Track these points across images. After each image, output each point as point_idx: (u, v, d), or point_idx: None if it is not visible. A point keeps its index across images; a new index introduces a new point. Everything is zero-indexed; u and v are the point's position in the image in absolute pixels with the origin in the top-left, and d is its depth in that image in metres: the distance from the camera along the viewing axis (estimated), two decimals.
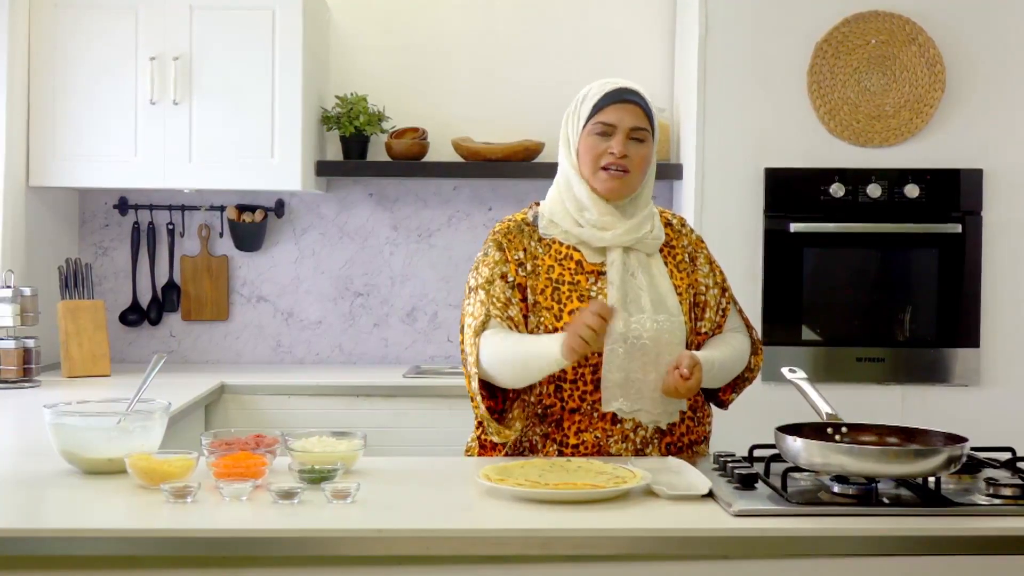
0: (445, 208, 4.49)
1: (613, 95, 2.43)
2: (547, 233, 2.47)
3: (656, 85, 4.40)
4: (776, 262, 3.90)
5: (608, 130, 2.41)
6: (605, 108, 2.42)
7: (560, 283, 2.41)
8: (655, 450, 2.40)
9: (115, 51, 4.01)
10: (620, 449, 2.38)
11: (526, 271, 2.43)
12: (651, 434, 2.40)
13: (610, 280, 2.40)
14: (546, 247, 2.45)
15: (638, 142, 2.42)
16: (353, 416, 3.78)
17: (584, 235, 2.43)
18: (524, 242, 2.46)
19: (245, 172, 4.05)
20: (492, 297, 2.39)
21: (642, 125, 2.42)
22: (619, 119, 2.41)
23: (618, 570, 1.85)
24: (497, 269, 2.42)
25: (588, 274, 2.42)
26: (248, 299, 4.48)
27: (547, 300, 2.40)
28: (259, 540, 1.82)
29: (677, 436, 2.43)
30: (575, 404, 2.38)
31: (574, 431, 2.38)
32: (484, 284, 2.42)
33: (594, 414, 2.38)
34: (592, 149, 2.42)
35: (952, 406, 3.86)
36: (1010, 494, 1.99)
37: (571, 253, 2.44)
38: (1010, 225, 3.91)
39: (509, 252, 2.44)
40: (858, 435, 2.18)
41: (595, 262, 2.43)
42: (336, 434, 2.28)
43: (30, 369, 3.69)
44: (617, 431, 2.38)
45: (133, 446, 2.15)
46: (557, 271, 2.42)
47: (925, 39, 3.89)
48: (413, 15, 4.47)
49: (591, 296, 2.39)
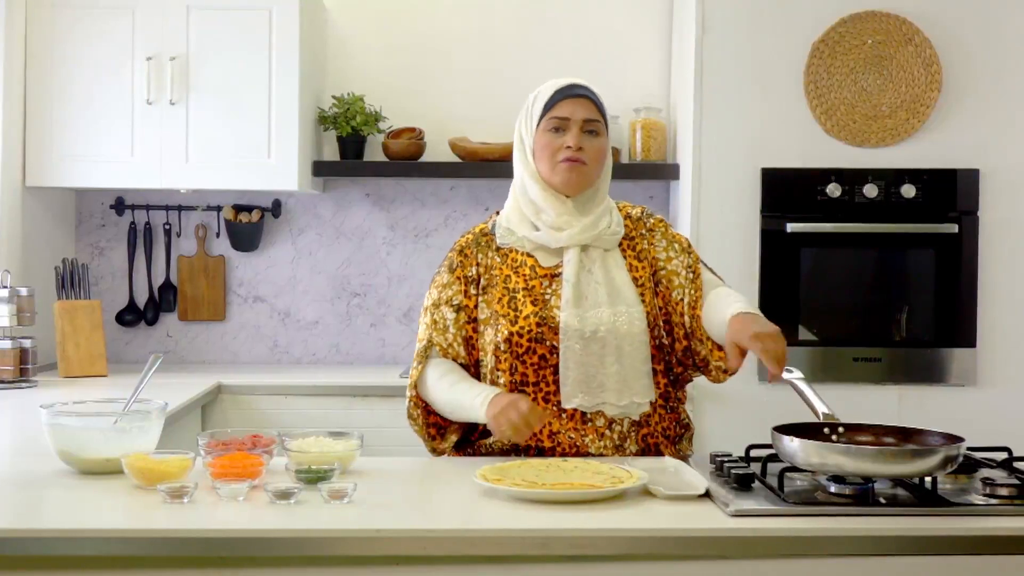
0: (442, 208, 4.49)
1: (564, 91, 2.47)
2: (504, 242, 2.51)
3: (653, 85, 4.41)
4: (773, 262, 3.90)
5: (562, 124, 2.45)
6: (557, 104, 2.46)
7: (515, 291, 2.45)
8: (633, 443, 2.41)
9: (112, 51, 4.01)
10: (599, 447, 2.39)
11: (478, 287, 2.49)
12: (627, 428, 2.41)
13: (565, 278, 2.43)
14: (503, 256, 2.50)
15: (592, 135, 2.46)
16: (350, 416, 3.78)
17: (540, 238, 2.47)
18: (479, 256, 2.51)
19: (242, 172, 4.05)
20: (435, 323, 2.48)
21: (595, 117, 2.46)
22: (572, 112, 2.44)
23: (615, 570, 1.85)
24: (444, 293, 2.49)
25: (542, 278, 2.46)
26: (245, 299, 4.48)
27: (504, 308, 2.44)
28: (256, 540, 1.82)
29: (653, 427, 2.44)
30: (541, 407, 2.39)
31: (546, 434, 2.39)
32: (431, 307, 2.51)
33: (562, 415, 2.39)
34: (548, 145, 2.45)
35: (949, 406, 3.87)
36: (1006, 494, 1.99)
37: (525, 260, 2.48)
38: (1006, 225, 3.91)
39: (463, 269, 2.50)
40: (855, 435, 2.18)
41: (549, 266, 2.47)
42: (333, 434, 2.29)
43: (27, 369, 3.69)
44: (590, 430, 2.39)
45: (130, 446, 2.14)
46: (513, 280, 2.46)
47: (922, 39, 3.89)
48: (410, 15, 4.47)
49: (545, 298, 2.42)
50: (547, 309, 2.41)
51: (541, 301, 2.42)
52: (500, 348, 2.41)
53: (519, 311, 2.42)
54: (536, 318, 2.40)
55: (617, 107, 4.31)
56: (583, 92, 2.47)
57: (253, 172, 4.05)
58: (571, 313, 2.39)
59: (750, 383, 3.85)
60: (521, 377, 2.40)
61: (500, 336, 2.41)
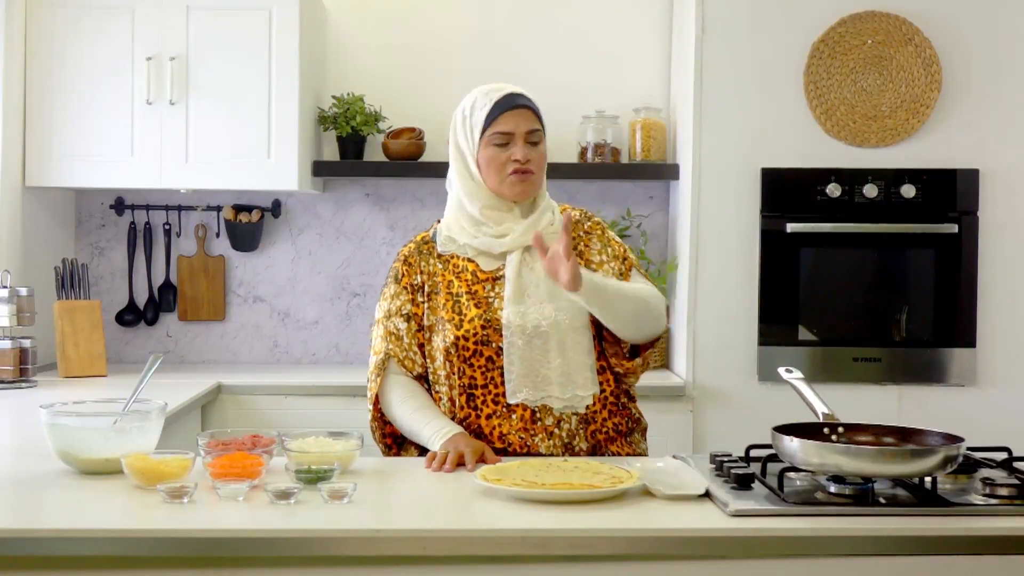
0: (442, 208, 4.45)
1: (503, 103, 2.48)
2: (445, 250, 2.55)
3: (653, 85, 4.41)
4: (772, 262, 3.90)
5: (506, 139, 2.47)
6: (498, 118, 2.47)
7: (459, 295, 2.48)
8: (582, 440, 2.44)
9: (112, 51, 4.00)
10: (548, 447, 2.42)
11: (424, 294, 2.52)
12: (575, 426, 2.44)
13: (507, 277, 2.46)
14: (445, 262, 2.54)
15: (534, 144, 2.50)
16: (350, 416, 3.77)
17: (483, 244, 2.51)
18: (422, 264, 2.54)
19: (242, 172, 4.05)
20: (390, 333, 2.52)
21: (536, 127, 2.51)
22: (515, 126, 2.47)
23: (615, 570, 1.85)
24: (394, 304, 2.53)
25: (484, 282, 2.50)
26: (245, 299, 4.48)
27: (448, 313, 2.47)
28: (256, 540, 1.82)
29: (600, 423, 2.47)
30: (490, 409, 2.43)
31: (497, 435, 2.42)
32: (383, 319, 2.54)
33: (511, 415, 2.42)
34: (494, 159, 2.48)
35: (948, 406, 3.87)
36: (1006, 494, 1.99)
37: (467, 265, 2.52)
38: (1006, 225, 3.91)
39: (409, 278, 2.53)
40: (854, 435, 2.18)
41: (489, 270, 2.51)
42: (333, 434, 2.29)
43: (26, 369, 3.68)
44: (539, 428, 2.42)
45: (130, 446, 2.15)
46: (456, 285, 2.50)
47: (921, 39, 3.89)
48: (410, 15, 4.47)
49: (488, 301, 2.46)
50: (491, 311, 2.46)
51: (484, 304, 2.47)
52: (449, 352, 2.45)
53: (463, 315, 2.46)
54: (480, 320, 2.44)
55: (617, 107, 4.32)
56: (522, 102, 2.49)
57: (253, 172, 4.05)
58: (513, 310, 2.43)
59: (750, 383, 3.85)
60: (469, 380, 2.45)
61: (447, 341, 2.45)
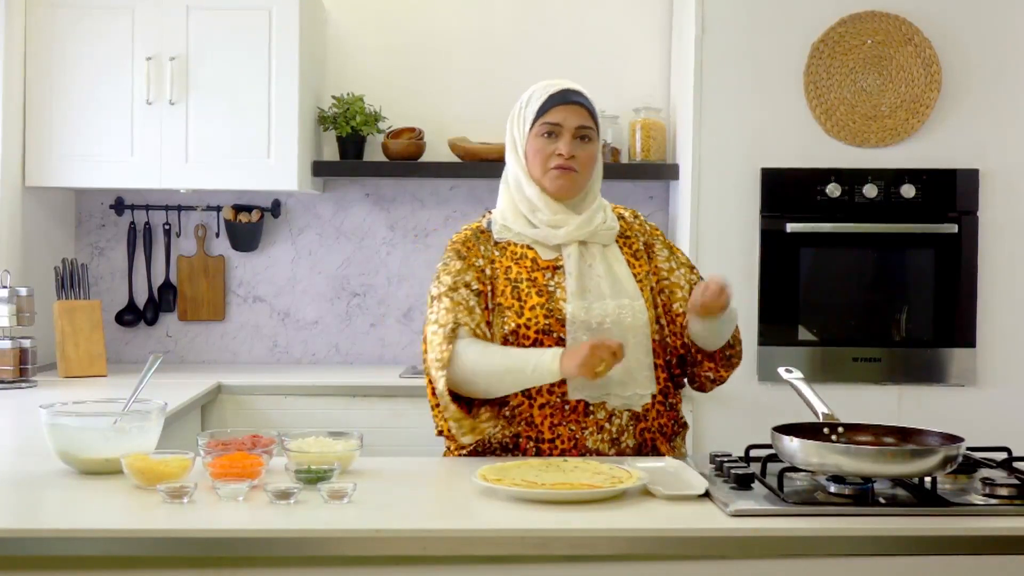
0: (442, 208, 4.49)
1: (558, 97, 2.47)
2: (501, 237, 2.51)
3: (653, 85, 4.41)
4: (772, 262, 3.90)
5: (554, 130, 2.46)
6: (551, 110, 2.46)
7: (519, 281, 2.45)
8: (630, 437, 2.41)
9: (111, 51, 4.00)
10: (596, 441, 2.39)
11: (487, 276, 2.47)
12: (625, 422, 2.41)
13: (568, 272, 2.44)
14: (502, 250, 2.50)
15: (584, 141, 2.47)
16: (350, 416, 3.78)
17: (538, 235, 2.48)
18: (481, 249, 2.50)
19: (241, 172, 4.05)
20: (458, 304, 2.42)
21: (587, 124, 2.48)
22: (564, 119, 2.46)
23: (615, 570, 1.85)
24: (460, 277, 2.46)
25: (544, 270, 2.46)
26: (244, 299, 4.48)
27: (508, 300, 2.43)
28: (256, 540, 1.82)
29: (650, 421, 2.44)
30: (544, 399, 2.39)
31: (548, 426, 2.39)
32: (448, 292, 2.44)
33: (565, 407, 2.39)
34: (540, 151, 2.46)
35: (948, 406, 3.87)
36: (1006, 494, 1.99)
37: (526, 252, 2.49)
38: (1006, 225, 3.91)
39: (470, 259, 2.48)
40: (854, 435, 2.18)
41: (549, 258, 2.48)
42: (333, 434, 2.29)
43: (26, 369, 3.68)
44: (591, 422, 2.39)
45: (129, 446, 2.14)
46: (515, 271, 2.47)
47: (921, 39, 3.89)
48: (410, 15, 4.47)
49: (549, 290, 2.43)
50: (553, 301, 2.42)
51: (546, 292, 2.43)
52: (507, 340, 2.41)
53: (524, 302, 2.42)
54: (543, 310, 2.41)
55: (617, 107, 4.31)
56: (576, 99, 2.48)
57: (253, 172, 4.05)
58: (577, 305, 2.40)
59: (750, 383, 3.85)
60: None
61: (507, 328, 2.41)
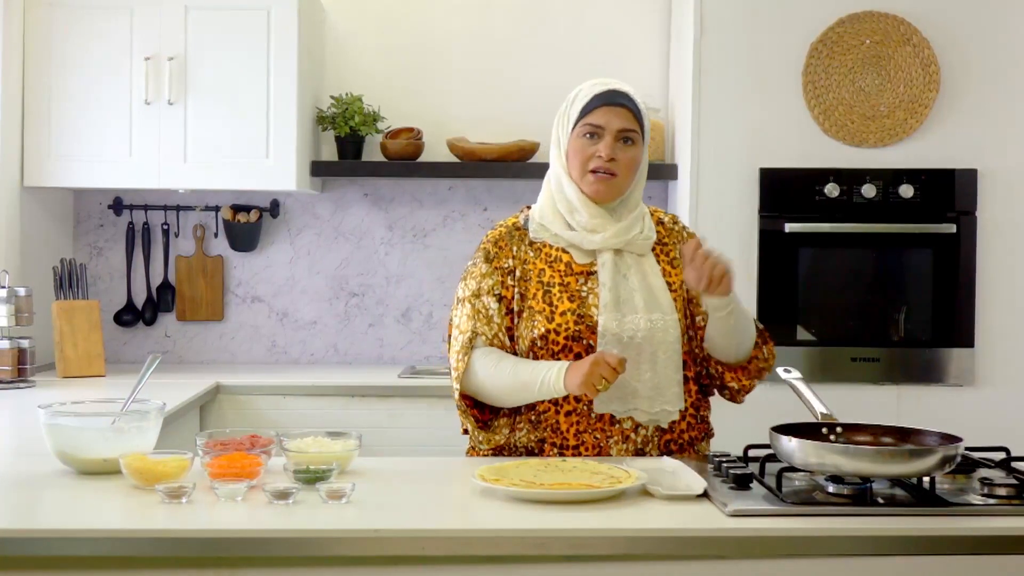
0: (440, 208, 4.49)
1: (602, 97, 2.41)
2: (537, 237, 2.46)
3: (651, 85, 4.41)
4: (771, 262, 3.90)
5: (596, 132, 2.40)
6: (594, 110, 2.41)
7: (551, 285, 2.41)
8: (654, 448, 2.39)
9: (110, 51, 4.00)
10: (620, 450, 2.37)
11: (515, 279, 2.43)
12: (651, 433, 2.39)
13: (602, 282, 2.39)
14: (536, 250, 2.45)
15: (627, 144, 2.41)
16: (348, 416, 3.78)
17: (574, 238, 2.43)
18: (514, 248, 2.45)
19: (240, 172, 4.05)
20: (478, 312, 2.41)
21: (631, 127, 2.41)
22: (607, 121, 2.40)
23: (613, 570, 1.85)
24: (485, 283, 2.43)
25: (577, 275, 2.42)
26: (243, 299, 4.48)
27: (539, 303, 2.40)
28: (254, 541, 1.82)
29: (678, 433, 2.41)
30: (570, 406, 2.37)
31: (572, 433, 2.37)
32: (471, 297, 2.43)
33: (591, 415, 2.37)
34: (580, 152, 2.41)
35: (947, 406, 3.87)
36: (1004, 494, 1.99)
37: (560, 255, 2.44)
38: (1004, 225, 3.91)
39: (499, 261, 2.45)
40: (853, 435, 2.18)
41: (584, 263, 2.43)
42: (331, 434, 2.28)
43: (25, 369, 3.68)
44: (616, 431, 2.37)
45: (128, 446, 2.14)
46: (548, 274, 2.42)
47: (920, 40, 3.89)
48: (408, 15, 4.47)
49: (582, 296, 2.39)
50: (584, 307, 2.38)
51: (578, 298, 2.39)
52: (536, 344, 2.38)
53: (555, 307, 2.39)
54: (574, 316, 2.37)
55: None
56: (622, 100, 2.41)
57: (251, 172, 4.05)
58: (610, 316, 2.36)
59: None
60: None
61: (536, 331, 2.38)
